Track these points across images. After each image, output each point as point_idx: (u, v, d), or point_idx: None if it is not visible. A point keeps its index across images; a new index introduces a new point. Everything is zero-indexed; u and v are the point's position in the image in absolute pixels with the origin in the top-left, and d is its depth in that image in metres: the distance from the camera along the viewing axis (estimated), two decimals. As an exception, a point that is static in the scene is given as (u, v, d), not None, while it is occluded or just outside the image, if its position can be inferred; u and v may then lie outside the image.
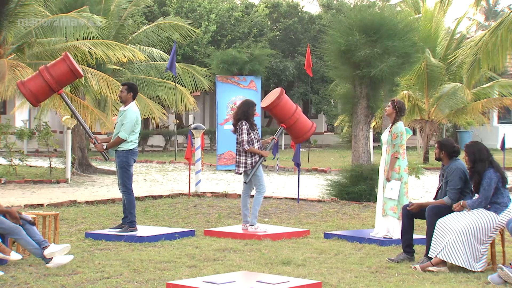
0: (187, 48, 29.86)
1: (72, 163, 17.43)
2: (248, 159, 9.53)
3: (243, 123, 9.56)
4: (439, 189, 8.00)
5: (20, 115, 27.54)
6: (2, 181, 15.61)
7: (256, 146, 9.56)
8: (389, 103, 9.10)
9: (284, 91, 9.66)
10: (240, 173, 9.61)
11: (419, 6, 26.40)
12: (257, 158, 9.56)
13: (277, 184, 16.67)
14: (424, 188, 16.18)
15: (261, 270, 7.30)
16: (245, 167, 9.53)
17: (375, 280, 6.97)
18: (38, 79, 8.75)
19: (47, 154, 18.09)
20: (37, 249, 7.42)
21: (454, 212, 7.56)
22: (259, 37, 31.76)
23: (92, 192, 14.72)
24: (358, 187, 12.74)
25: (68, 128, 16.45)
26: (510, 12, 16.81)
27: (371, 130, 17.58)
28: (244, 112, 9.60)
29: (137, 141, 9.34)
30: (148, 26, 21.94)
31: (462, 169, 7.73)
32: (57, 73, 8.75)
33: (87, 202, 12.28)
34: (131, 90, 9.37)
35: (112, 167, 20.72)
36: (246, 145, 9.49)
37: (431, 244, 7.55)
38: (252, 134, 9.57)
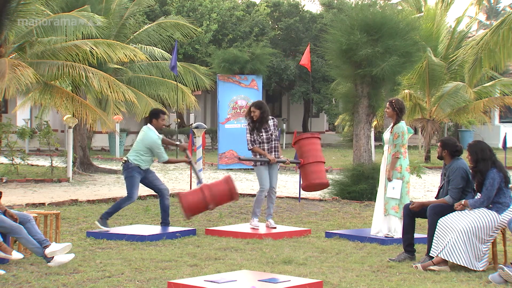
0: (189, 47, 29.86)
1: (74, 162, 17.44)
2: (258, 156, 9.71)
3: (248, 123, 9.70)
4: (440, 188, 7.99)
5: (22, 114, 27.53)
6: (4, 180, 15.62)
7: (266, 147, 9.69)
8: (388, 105, 9.06)
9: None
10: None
11: (420, 5, 26.40)
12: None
13: (278, 183, 16.64)
14: (426, 187, 16.16)
15: (263, 269, 7.29)
16: (255, 164, 9.77)
17: (376, 279, 6.97)
18: (198, 194, 8.96)
19: (49, 153, 18.10)
20: (38, 248, 7.42)
21: (456, 211, 7.55)
22: (260, 36, 31.74)
23: (93, 191, 14.72)
24: (360, 186, 12.74)
25: (70, 127, 16.45)
26: (512, 11, 16.78)
27: (373, 129, 17.58)
28: (267, 112, 9.70)
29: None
30: (149, 25, 21.93)
31: (464, 168, 7.72)
32: (215, 192, 8.97)
33: (88, 201, 12.29)
34: None
35: (113, 166, 20.73)
36: (250, 145, 9.66)
37: (433, 243, 7.55)
38: (255, 135, 9.68)
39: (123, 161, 9.68)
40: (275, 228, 9.70)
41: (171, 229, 9.53)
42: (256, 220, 9.74)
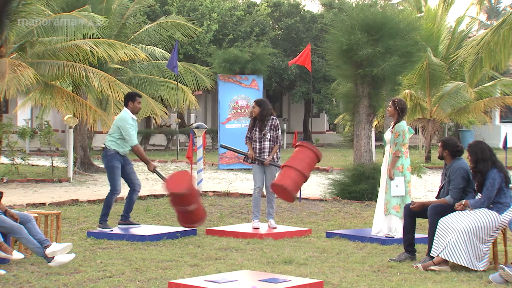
0: (189, 47, 29.87)
1: (74, 162, 17.44)
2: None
3: (250, 119, 9.93)
4: (441, 188, 7.99)
5: (22, 114, 27.55)
6: (5, 180, 15.63)
7: (257, 146, 9.75)
8: (390, 104, 9.08)
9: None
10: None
11: (421, 5, 26.41)
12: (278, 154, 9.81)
13: (279, 183, 16.65)
14: (426, 187, 16.16)
15: (263, 269, 7.30)
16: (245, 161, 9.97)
17: (377, 279, 6.97)
18: (186, 182, 8.89)
19: (49, 153, 18.10)
20: (39, 248, 7.43)
21: (456, 211, 7.55)
22: (261, 36, 31.75)
23: (94, 191, 14.72)
24: (360, 186, 12.74)
25: (70, 127, 16.46)
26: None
27: (373, 129, 17.57)
28: (267, 110, 9.76)
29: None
30: (150, 25, 21.94)
31: (465, 168, 7.72)
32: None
33: (89, 201, 12.29)
34: None
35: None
36: (245, 140, 9.90)
37: (433, 243, 7.55)
38: (252, 132, 9.82)
39: (102, 148, 9.65)
40: (275, 228, 9.70)
41: (172, 229, 9.53)
42: (257, 221, 9.75)
